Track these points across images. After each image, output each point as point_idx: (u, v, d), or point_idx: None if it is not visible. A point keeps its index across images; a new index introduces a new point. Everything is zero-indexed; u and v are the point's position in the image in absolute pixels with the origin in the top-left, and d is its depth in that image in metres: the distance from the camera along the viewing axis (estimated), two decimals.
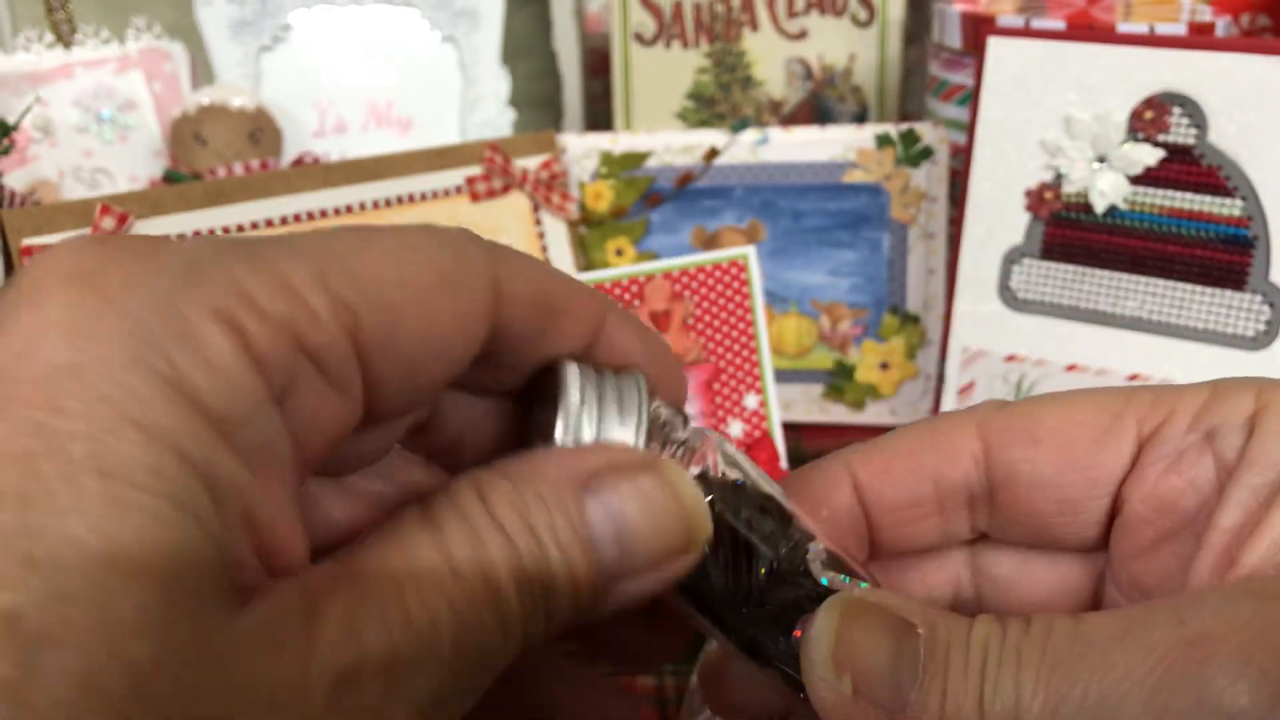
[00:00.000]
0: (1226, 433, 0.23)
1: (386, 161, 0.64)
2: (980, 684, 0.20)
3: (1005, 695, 0.20)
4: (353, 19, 0.83)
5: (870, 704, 0.21)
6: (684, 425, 0.24)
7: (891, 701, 0.21)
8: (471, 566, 0.19)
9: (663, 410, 0.24)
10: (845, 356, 0.72)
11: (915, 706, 0.20)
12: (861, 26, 0.80)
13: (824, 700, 0.21)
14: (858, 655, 0.21)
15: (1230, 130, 0.56)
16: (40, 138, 0.78)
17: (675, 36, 0.81)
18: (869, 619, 0.21)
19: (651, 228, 0.73)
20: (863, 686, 0.21)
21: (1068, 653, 0.20)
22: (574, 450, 0.21)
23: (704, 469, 0.23)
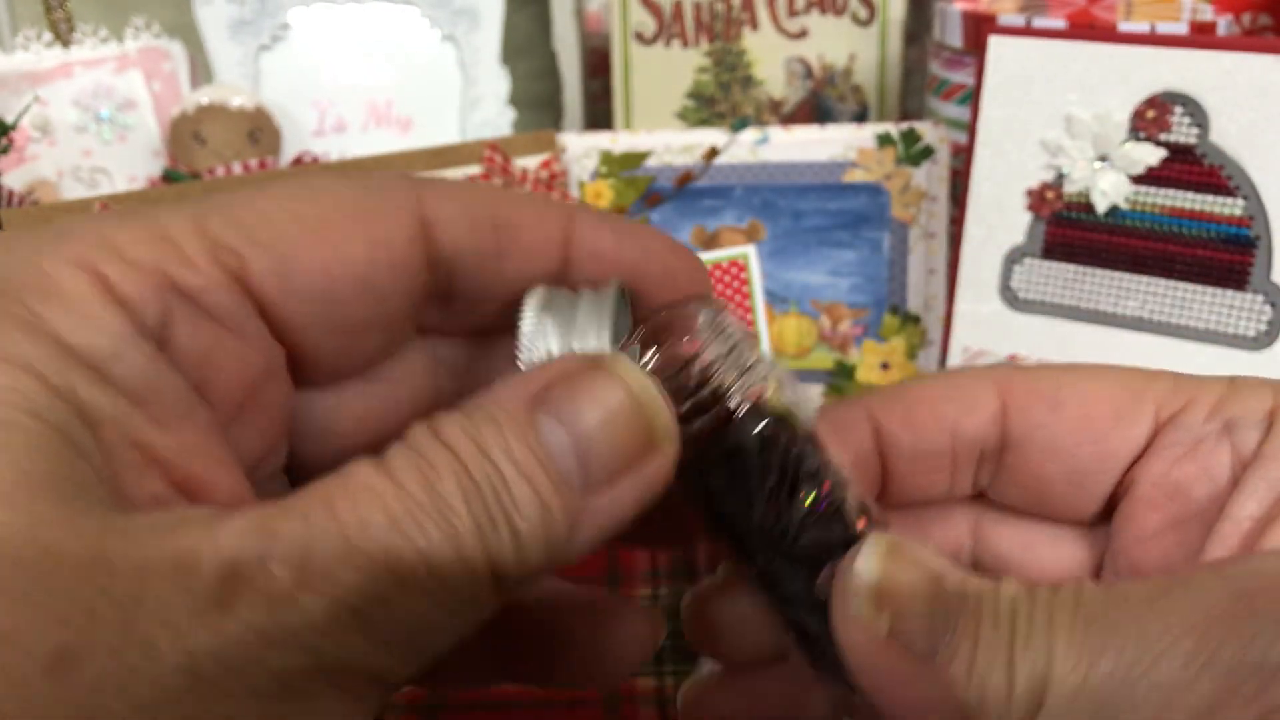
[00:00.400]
0: (1245, 426, 0.23)
1: (386, 161, 0.64)
2: (1010, 641, 0.20)
3: (1036, 652, 0.19)
4: (352, 18, 0.83)
5: (902, 648, 0.20)
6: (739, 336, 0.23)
7: (925, 648, 0.20)
8: (415, 481, 0.18)
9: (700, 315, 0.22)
10: (846, 356, 0.72)
11: (944, 656, 0.20)
12: (862, 25, 0.80)
13: (854, 639, 0.21)
14: (899, 595, 0.20)
15: (1231, 130, 0.56)
16: (39, 137, 0.78)
17: (675, 36, 0.81)
18: (912, 561, 0.21)
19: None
20: (899, 627, 0.20)
21: (1102, 612, 0.19)
22: (530, 371, 0.20)
23: (760, 396, 0.23)
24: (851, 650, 0.21)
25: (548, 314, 0.22)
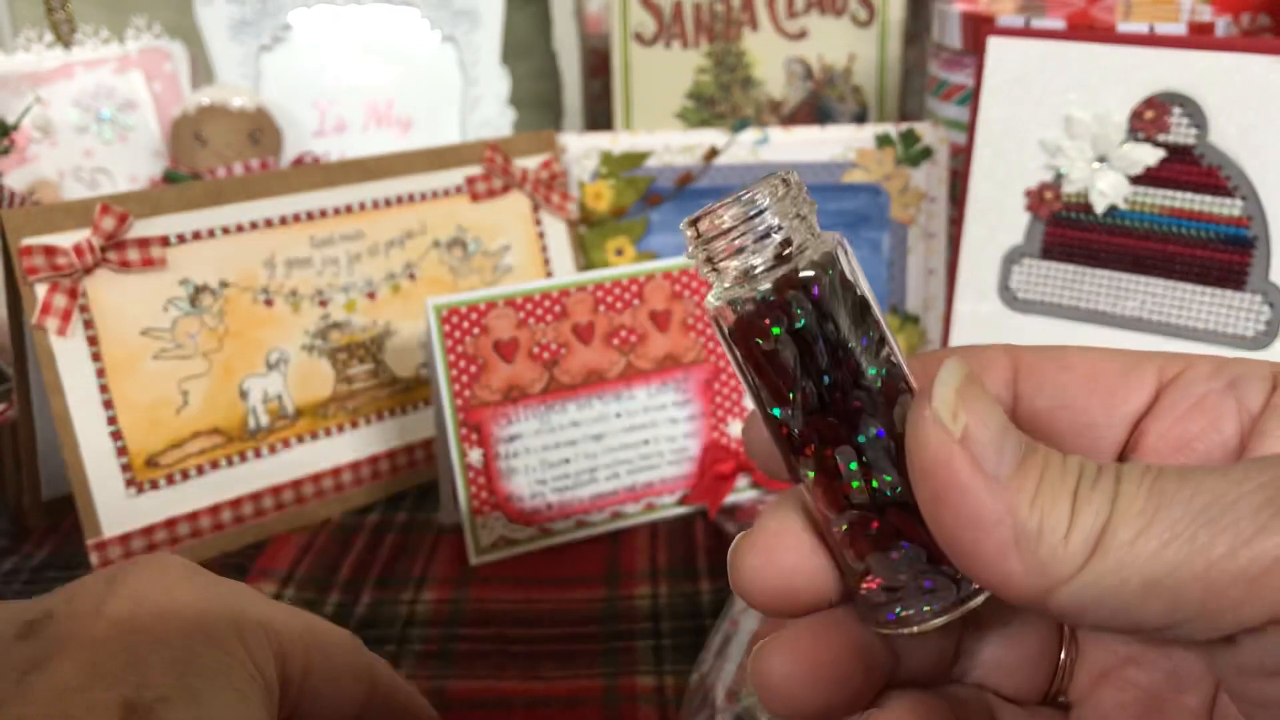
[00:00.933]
0: (1250, 382, 0.23)
1: (386, 161, 0.64)
2: (1076, 486, 0.20)
3: (1103, 494, 0.20)
4: (353, 19, 0.83)
5: (971, 457, 0.20)
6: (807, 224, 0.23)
7: (993, 463, 0.20)
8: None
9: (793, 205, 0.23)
10: None
11: (1012, 480, 0.20)
12: (861, 26, 0.80)
13: (927, 442, 0.21)
14: (975, 408, 0.21)
15: (1230, 130, 0.56)
16: (40, 137, 0.78)
17: (675, 36, 0.81)
18: (985, 393, 0.21)
19: (651, 227, 0.73)
20: (972, 437, 0.21)
21: (1171, 474, 0.20)
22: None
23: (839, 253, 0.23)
24: (921, 457, 0.21)
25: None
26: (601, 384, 0.58)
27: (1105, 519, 0.20)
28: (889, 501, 0.23)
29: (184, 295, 0.58)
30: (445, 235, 0.66)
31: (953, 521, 0.21)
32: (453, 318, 0.56)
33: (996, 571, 0.21)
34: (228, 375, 0.59)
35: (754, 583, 0.24)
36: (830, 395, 0.23)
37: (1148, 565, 0.19)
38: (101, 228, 0.54)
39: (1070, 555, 0.20)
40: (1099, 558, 0.19)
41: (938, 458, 0.21)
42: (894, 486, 0.23)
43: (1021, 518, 0.20)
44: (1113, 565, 0.19)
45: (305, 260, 0.61)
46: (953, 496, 0.21)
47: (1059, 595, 0.20)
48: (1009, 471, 0.20)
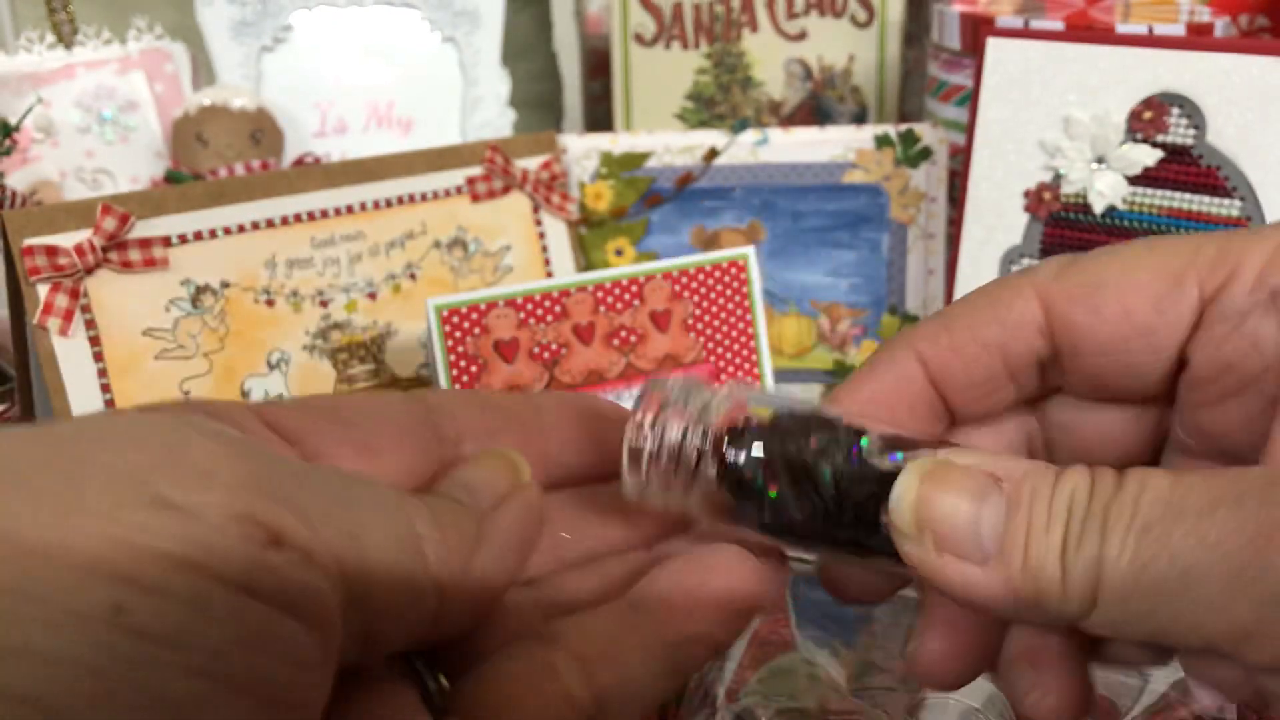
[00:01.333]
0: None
1: (387, 162, 0.64)
2: (1063, 538, 0.21)
3: (1088, 551, 0.20)
4: (353, 20, 0.83)
5: (955, 558, 0.22)
6: (702, 392, 0.25)
7: (974, 554, 0.21)
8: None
9: (668, 394, 0.25)
10: (845, 356, 0.72)
11: (998, 559, 0.21)
12: (861, 27, 0.80)
13: (914, 558, 0.22)
14: (937, 514, 0.22)
15: (1229, 131, 0.56)
16: (42, 138, 0.78)
17: (675, 37, 0.82)
18: (948, 478, 0.22)
19: (651, 228, 0.73)
20: (945, 543, 0.22)
21: (1159, 518, 0.20)
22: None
23: (738, 422, 0.24)
24: (918, 568, 0.22)
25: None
26: (602, 384, 0.58)
27: (1096, 569, 0.20)
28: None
29: (185, 295, 0.58)
30: (446, 235, 0.66)
31: (963, 604, 0.22)
32: (453, 318, 0.56)
33: (1012, 618, 0.23)
34: (229, 375, 0.59)
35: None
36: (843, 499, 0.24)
37: (1147, 607, 0.20)
38: (103, 228, 0.55)
39: (1075, 606, 0.21)
40: (1102, 607, 0.21)
41: (930, 570, 0.22)
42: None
43: (1017, 589, 0.21)
44: (1116, 602, 0.20)
45: (306, 260, 0.62)
46: (954, 593, 0.22)
47: (1086, 629, 0.21)
48: (993, 548, 0.21)
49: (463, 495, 0.23)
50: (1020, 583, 0.21)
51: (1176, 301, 0.24)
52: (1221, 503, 0.20)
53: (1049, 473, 0.22)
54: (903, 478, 0.22)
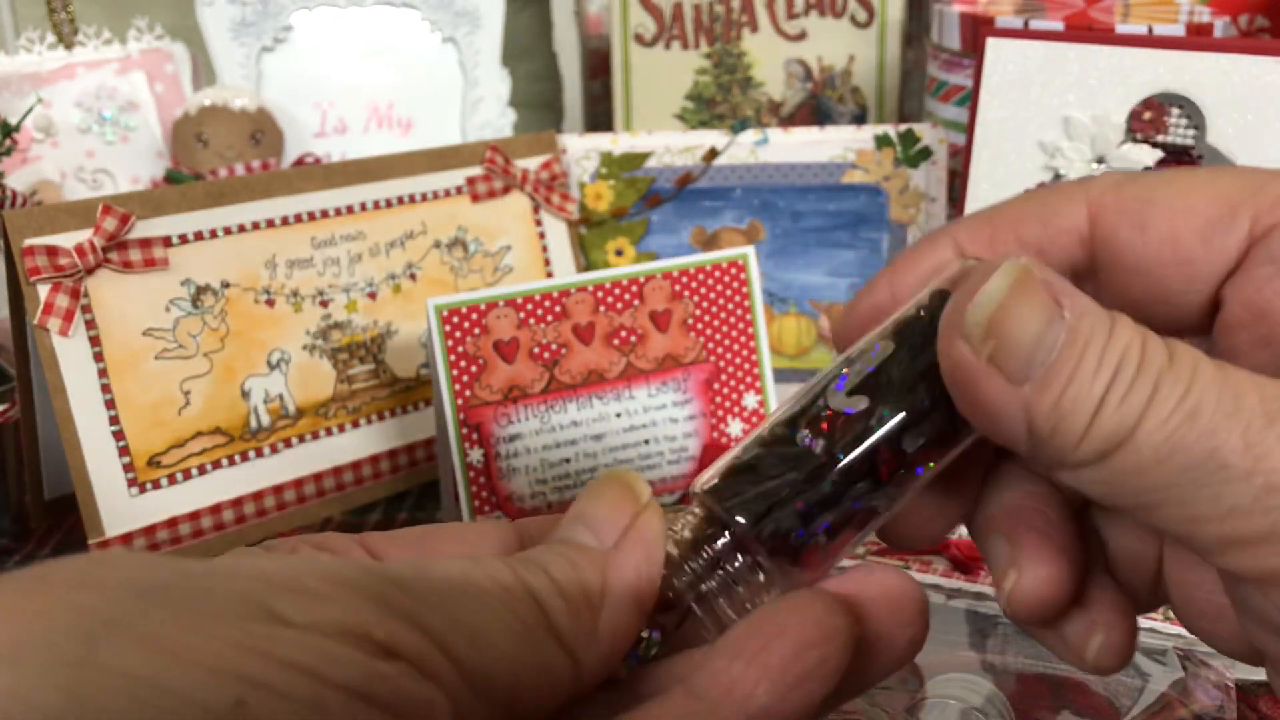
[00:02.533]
0: None
1: (387, 162, 0.64)
2: (1106, 388, 0.20)
3: (1129, 411, 0.20)
4: (354, 20, 0.83)
5: (994, 370, 0.21)
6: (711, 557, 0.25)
7: (1019, 374, 0.21)
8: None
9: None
10: None
11: (1037, 385, 0.21)
12: (860, 27, 0.80)
13: (960, 359, 0.21)
14: (1011, 325, 0.21)
15: (1228, 131, 0.56)
16: (42, 138, 0.78)
17: (675, 38, 0.82)
18: (1034, 293, 0.21)
19: (651, 228, 0.73)
20: (1000, 355, 0.21)
21: (1212, 409, 0.20)
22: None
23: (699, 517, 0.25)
24: (949, 366, 0.22)
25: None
26: (601, 384, 0.59)
27: (1128, 432, 0.20)
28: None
29: (186, 295, 0.58)
30: (446, 235, 0.66)
31: (974, 418, 0.22)
32: (453, 318, 0.56)
33: (1009, 442, 0.22)
34: (229, 375, 0.59)
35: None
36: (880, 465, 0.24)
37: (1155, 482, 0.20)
38: (103, 228, 0.55)
39: (1078, 457, 0.21)
40: (1107, 467, 0.20)
41: (964, 375, 0.21)
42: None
43: (1037, 421, 0.21)
44: (1116, 475, 0.20)
45: (306, 260, 0.62)
46: (976, 402, 0.21)
47: (1066, 478, 0.21)
48: (1036, 373, 0.21)
49: (583, 535, 0.23)
50: (1044, 418, 0.21)
51: (1225, 233, 0.23)
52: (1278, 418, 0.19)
53: (1105, 317, 0.21)
54: (996, 278, 0.21)
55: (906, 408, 0.23)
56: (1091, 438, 0.20)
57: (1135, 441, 0.20)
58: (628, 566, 0.22)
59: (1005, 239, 0.25)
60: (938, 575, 0.52)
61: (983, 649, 0.48)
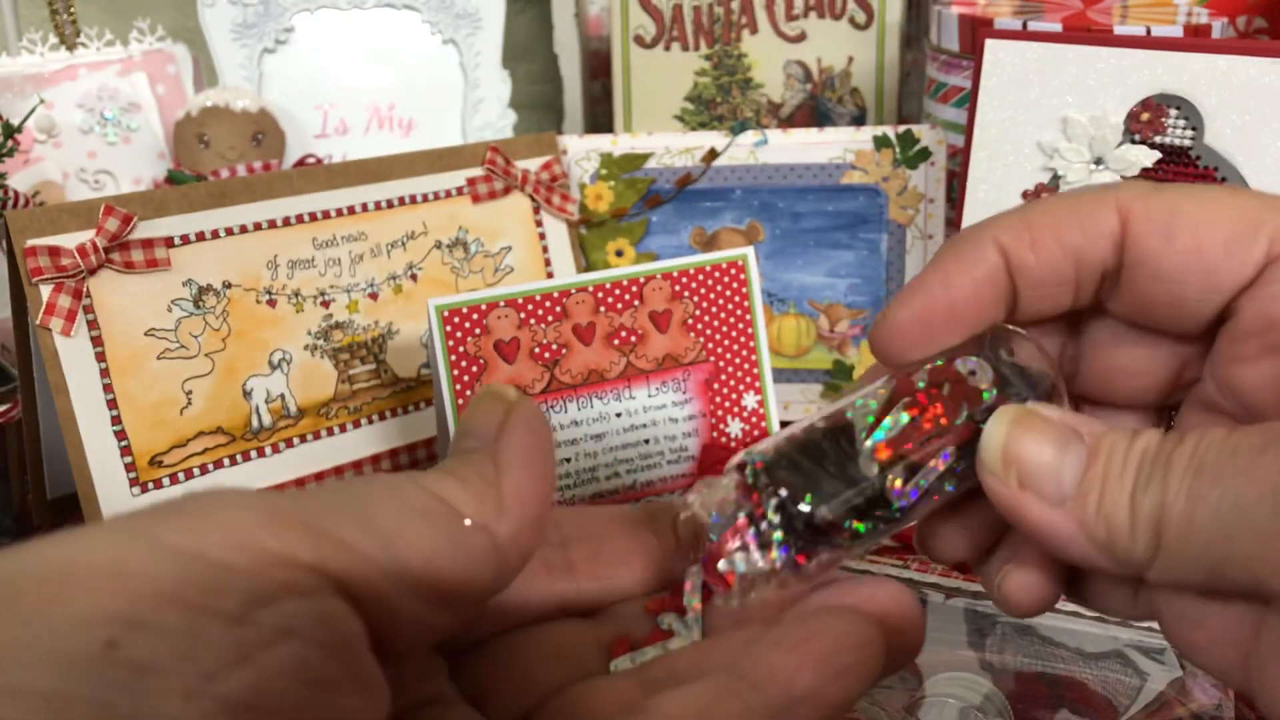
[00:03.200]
0: None
1: (388, 163, 0.64)
2: (1134, 484, 0.23)
3: (1154, 495, 0.22)
4: (355, 22, 0.83)
5: (1034, 495, 0.24)
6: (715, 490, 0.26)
7: (1054, 494, 0.24)
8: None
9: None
10: (844, 356, 0.72)
11: (1075, 500, 0.23)
12: (860, 29, 0.80)
13: (999, 494, 0.24)
14: (1023, 454, 0.24)
15: (1227, 132, 0.56)
16: (44, 139, 0.78)
17: (675, 39, 0.82)
18: (1033, 425, 0.24)
19: (651, 229, 0.73)
20: (1027, 480, 0.24)
21: (1214, 462, 0.22)
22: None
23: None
24: (998, 505, 0.25)
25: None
26: (602, 384, 0.59)
27: (1159, 512, 0.22)
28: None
29: (188, 296, 0.58)
30: (447, 236, 0.66)
31: (1039, 541, 0.24)
32: (454, 318, 0.56)
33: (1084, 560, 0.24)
34: (231, 375, 0.59)
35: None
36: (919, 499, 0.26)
37: (1203, 544, 0.22)
38: (106, 229, 0.55)
39: (1141, 550, 0.23)
40: (1164, 550, 0.22)
41: (1010, 506, 0.24)
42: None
43: (1090, 530, 0.23)
44: (1178, 545, 0.22)
45: (308, 261, 0.62)
46: (1031, 528, 0.24)
47: (1150, 578, 0.23)
48: (1071, 491, 0.23)
49: (470, 443, 0.24)
50: (1094, 525, 0.23)
51: (1246, 249, 0.25)
52: (1272, 444, 0.21)
53: (1126, 431, 0.24)
54: (993, 422, 0.24)
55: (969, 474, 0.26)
56: (1138, 530, 0.23)
57: (1167, 516, 0.22)
58: (513, 442, 0.23)
59: (1046, 243, 0.27)
60: (936, 574, 0.52)
61: (981, 648, 0.48)
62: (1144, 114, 0.58)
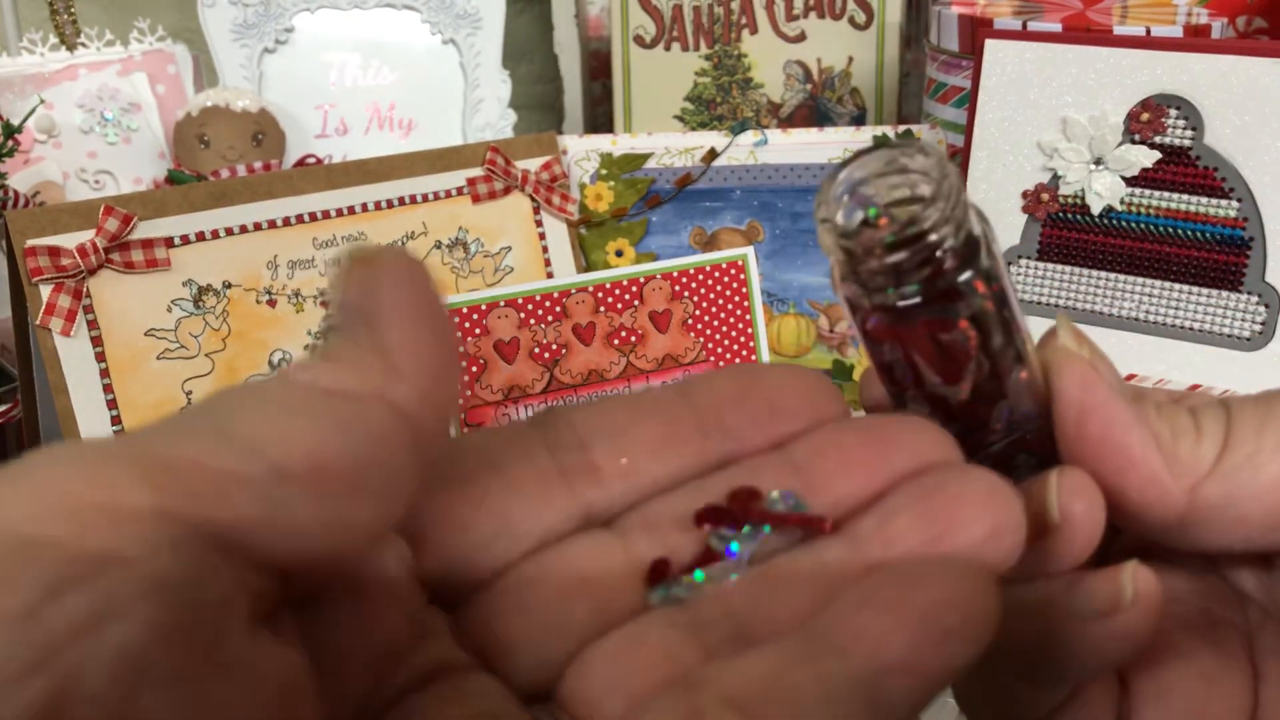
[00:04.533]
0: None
1: (388, 163, 0.64)
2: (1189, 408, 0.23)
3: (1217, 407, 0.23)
4: (355, 22, 0.83)
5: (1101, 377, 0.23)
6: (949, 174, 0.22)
7: (1119, 385, 0.23)
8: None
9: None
10: (844, 356, 0.72)
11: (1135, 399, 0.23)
12: (859, 29, 0.80)
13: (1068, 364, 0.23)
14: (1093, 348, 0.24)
15: (1226, 132, 0.56)
16: (44, 139, 0.78)
17: (675, 39, 0.82)
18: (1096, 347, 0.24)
19: (651, 229, 0.73)
20: (1097, 363, 0.24)
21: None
22: None
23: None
24: (1066, 379, 0.24)
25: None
26: (602, 384, 0.59)
27: (1226, 424, 0.22)
28: (1025, 431, 0.24)
29: (188, 296, 0.58)
30: (447, 236, 0.66)
31: (1100, 430, 0.23)
32: (454, 318, 0.56)
33: (1145, 472, 0.23)
34: (231, 376, 0.59)
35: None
36: (1000, 361, 0.23)
37: (1273, 458, 0.22)
38: (106, 229, 0.55)
39: (1205, 452, 0.22)
40: (1229, 453, 0.22)
41: (1083, 377, 0.23)
42: (1030, 416, 0.24)
43: (1154, 426, 0.23)
44: (1242, 459, 0.22)
45: (308, 261, 0.62)
46: (1096, 406, 0.23)
47: (1203, 490, 0.22)
48: (1130, 396, 0.23)
49: (338, 319, 0.19)
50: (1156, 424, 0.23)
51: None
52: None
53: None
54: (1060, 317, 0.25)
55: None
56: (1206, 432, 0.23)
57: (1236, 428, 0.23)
58: (389, 300, 0.19)
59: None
60: None
61: None
62: (1144, 114, 0.58)
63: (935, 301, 0.22)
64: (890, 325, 0.22)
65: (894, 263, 0.21)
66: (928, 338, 0.22)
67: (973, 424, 0.24)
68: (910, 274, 0.22)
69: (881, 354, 0.23)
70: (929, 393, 0.23)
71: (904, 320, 0.22)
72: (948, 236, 0.21)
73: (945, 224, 0.21)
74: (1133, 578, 0.22)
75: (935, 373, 0.23)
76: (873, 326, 0.22)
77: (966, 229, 0.22)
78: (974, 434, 0.24)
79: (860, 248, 0.21)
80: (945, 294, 0.22)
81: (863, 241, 0.21)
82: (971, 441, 0.23)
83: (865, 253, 0.21)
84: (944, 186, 0.21)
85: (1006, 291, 0.23)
